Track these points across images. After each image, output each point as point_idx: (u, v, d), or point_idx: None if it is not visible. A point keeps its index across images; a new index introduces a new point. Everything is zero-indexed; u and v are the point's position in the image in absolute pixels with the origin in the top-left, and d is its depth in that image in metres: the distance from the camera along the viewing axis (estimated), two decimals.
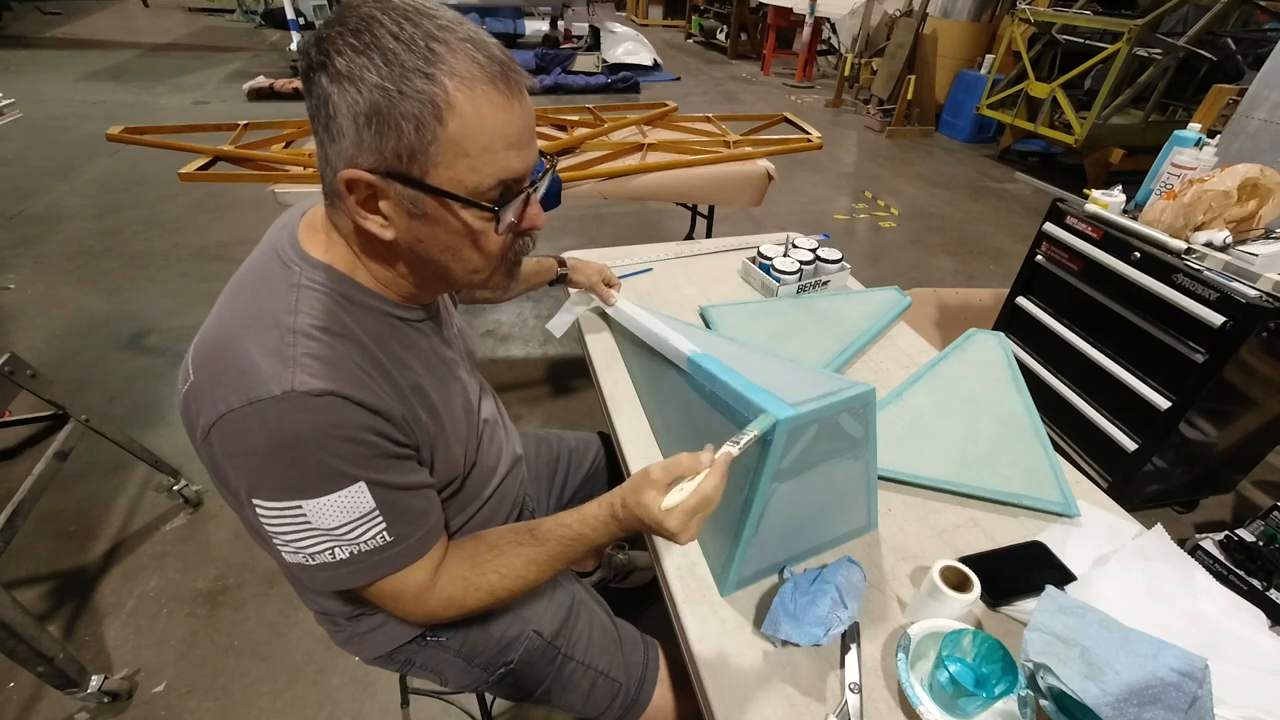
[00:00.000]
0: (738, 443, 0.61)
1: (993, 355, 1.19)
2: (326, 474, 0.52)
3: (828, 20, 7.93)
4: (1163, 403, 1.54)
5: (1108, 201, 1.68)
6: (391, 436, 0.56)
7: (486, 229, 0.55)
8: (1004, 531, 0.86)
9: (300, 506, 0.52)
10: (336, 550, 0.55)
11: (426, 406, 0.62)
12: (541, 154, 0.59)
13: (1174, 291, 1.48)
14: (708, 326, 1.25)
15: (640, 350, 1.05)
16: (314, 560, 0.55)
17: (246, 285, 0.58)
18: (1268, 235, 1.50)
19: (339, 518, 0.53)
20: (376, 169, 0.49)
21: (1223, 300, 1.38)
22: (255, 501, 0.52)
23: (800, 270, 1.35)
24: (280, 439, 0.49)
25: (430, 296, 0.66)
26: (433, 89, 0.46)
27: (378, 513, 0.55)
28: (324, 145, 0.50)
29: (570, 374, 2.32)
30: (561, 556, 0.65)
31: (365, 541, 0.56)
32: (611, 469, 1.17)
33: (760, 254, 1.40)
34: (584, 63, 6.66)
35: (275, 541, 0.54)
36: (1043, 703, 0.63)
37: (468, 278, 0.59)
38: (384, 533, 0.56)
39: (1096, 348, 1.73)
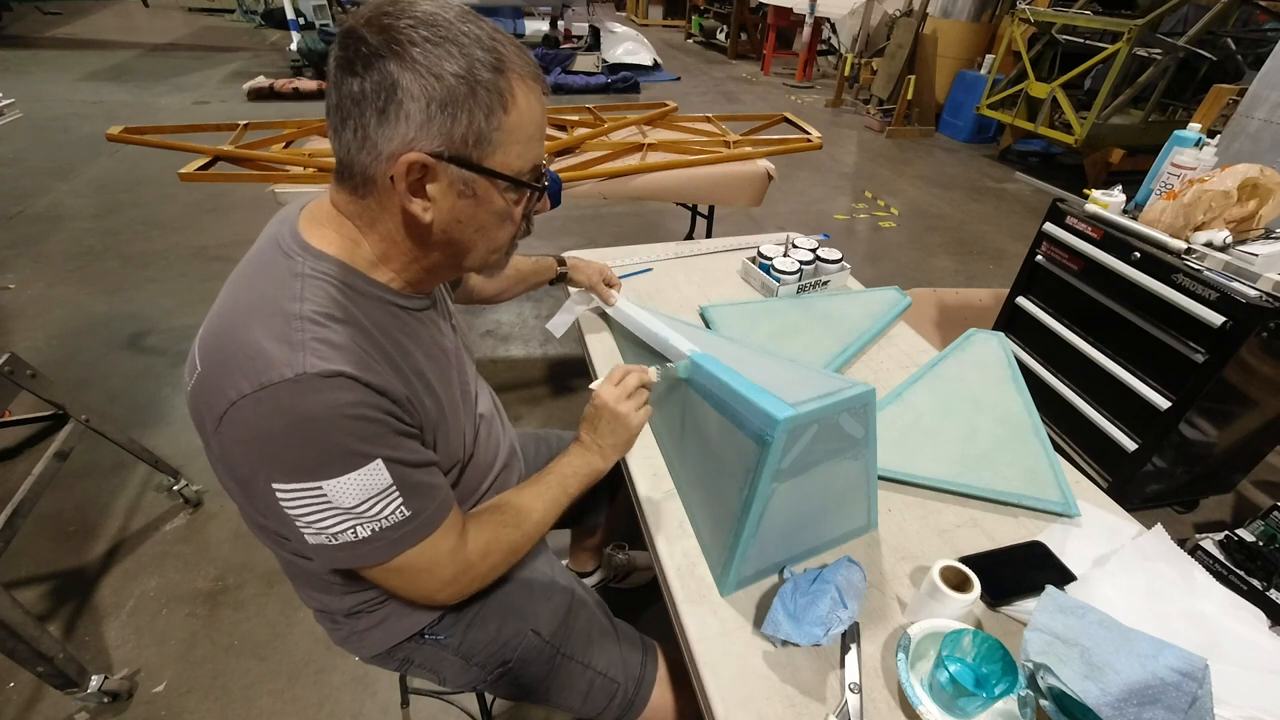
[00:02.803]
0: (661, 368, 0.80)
1: (993, 355, 1.19)
2: (344, 453, 0.53)
3: (828, 20, 7.93)
4: (1163, 403, 1.54)
5: (1108, 201, 1.68)
6: (399, 416, 0.57)
7: (515, 210, 0.60)
8: (1004, 531, 0.86)
9: (320, 486, 0.52)
10: (359, 529, 0.56)
11: (429, 392, 0.63)
12: None
13: (1174, 291, 1.48)
14: (708, 326, 1.25)
15: (640, 350, 1.05)
16: (336, 540, 0.56)
17: (249, 277, 0.58)
18: (1268, 235, 1.50)
19: (358, 495, 0.54)
20: (440, 152, 0.52)
21: (1223, 300, 1.38)
22: (274, 485, 0.52)
23: (800, 270, 1.35)
24: (295, 420, 0.50)
25: (434, 284, 0.68)
26: (501, 82, 0.52)
27: (394, 489, 0.56)
28: (365, 129, 0.51)
29: (570, 374, 2.32)
30: (558, 483, 0.76)
31: (385, 518, 0.57)
32: (612, 470, 1.17)
33: (760, 254, 1.40)
34: (584, 63, 6.66)
35: (298, 524, 0.55)
36: (1043, 703, 0.63)
37: (485, 258, 0.63)
38: (401, 507, 0.57)
39: (1096, 348, 1.73)
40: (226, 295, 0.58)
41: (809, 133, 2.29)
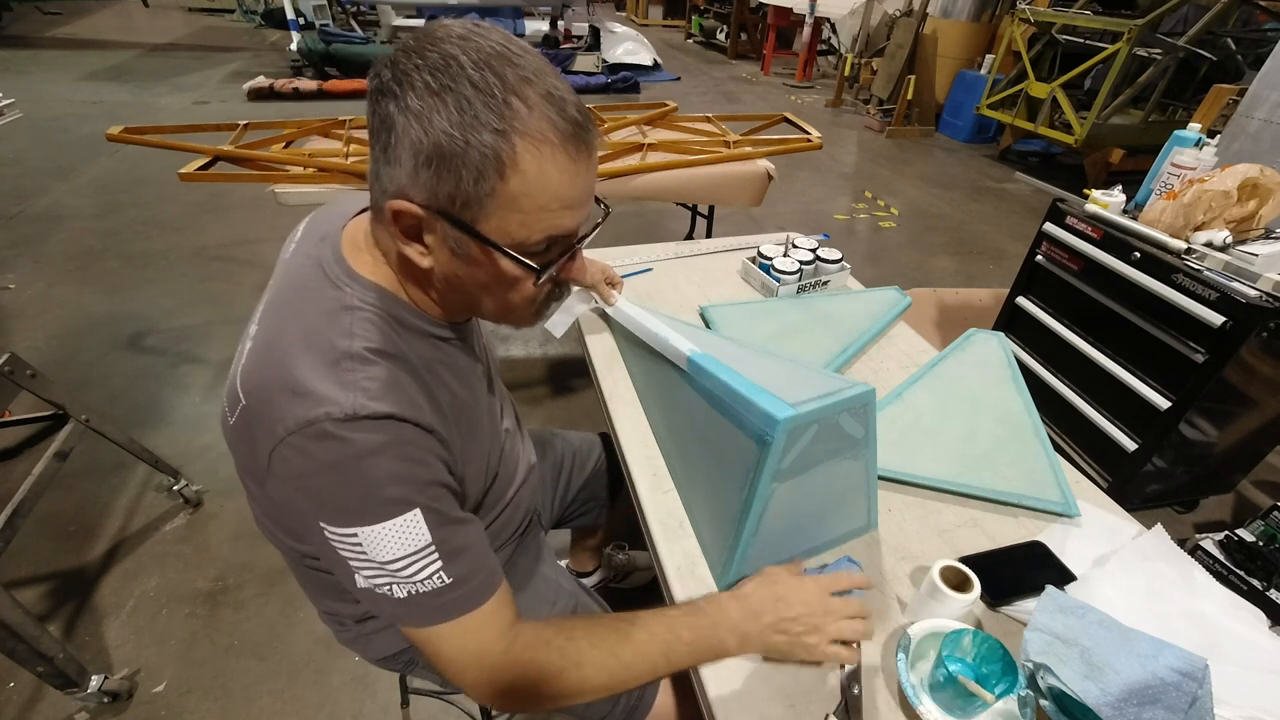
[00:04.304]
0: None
1: (993, 355, 1.19)
2: (381, 500, 0.51)
3: (828, 20, 7.93)
4: (1163, 403, 1.54)
5: (1108, 201, 1.68)
6: (443, 458, 0.56)
7: (525, 280, 0.54)
8: (1004, 531, 0.86)
9: (356, 534, 0.51)
10: (395, 588, 0.53)
11: (460, 424, 0.62)
12: (598, 201, 0.58)
13: (1174, 291, 1.48)
14: (708, 326, 1.25)
15: (640, 351, 1.05)
16: (377, 591, 0.54)
17: (294, 304, 0.56)
18: (1268, 235, 1.50)
19: (394, 550, 0.52)
20: (428, 205, 0.49)
21: (1223, 300, 1.38)
22: (323, 525, 0.51)
23: (800, 270, 1.35)
24: (336, 461, 0.49)
25: (462, 318, 0.66)
26: (500, 145, 0.46)
27: (434, 548, 0.53)
28: (378, 163, 0.50)
29: (570, 374, 2.32)
30: (660, 638, 0.61)
31: (422, 581, 0.53)
32: (612, 470, 1.17)
33: (760, 254, 1.40)
34: (584, 63, 6.67)
35: (350, 564, 0.53)
36: (1043, 703, 0.63)
37: (498, 316, 0.59)
38: (441, 572, 0.54)
39: (1096, 348, 1.73)
40: (273, 324, 0.56)
41: (809, 133, 2.29)
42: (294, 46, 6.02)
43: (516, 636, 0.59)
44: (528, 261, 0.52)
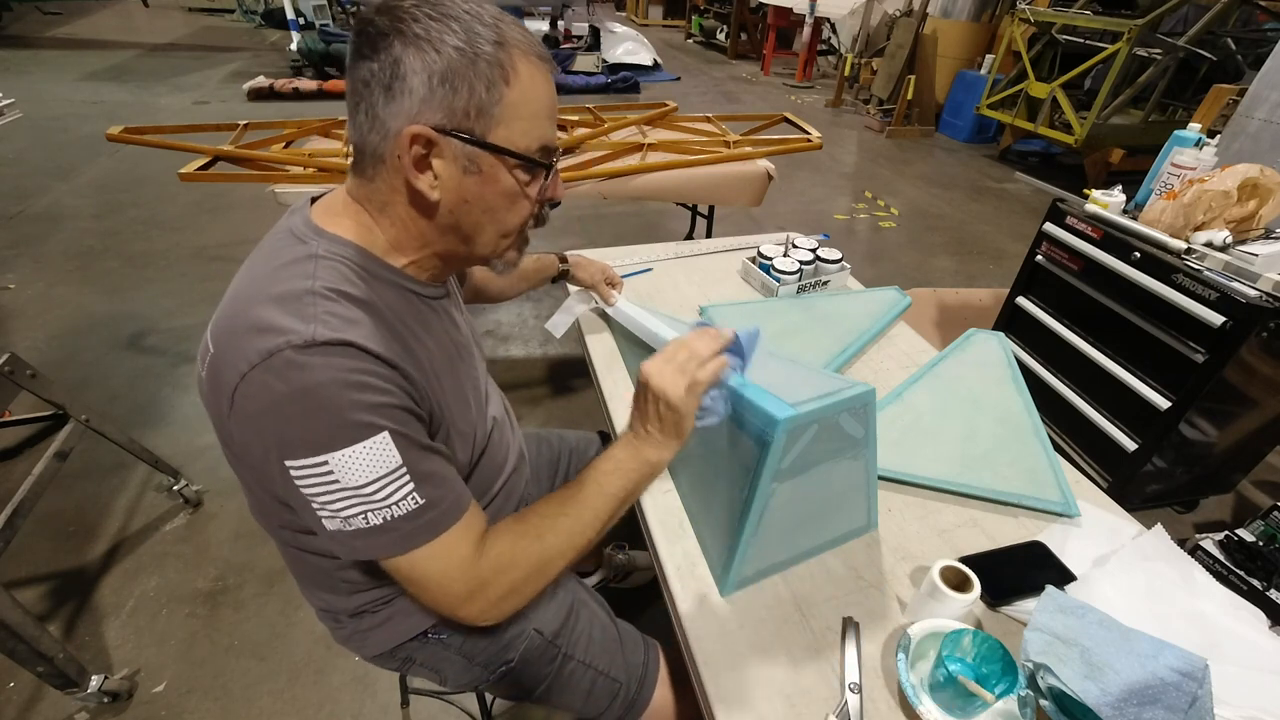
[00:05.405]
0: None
1: (993, 355, 1.19)
2: (348, 423, 0.51)
3: (828, 20, 7.93)
4: (1163, 403, 1.54)
5: (1108, 201, 1.68)
6: (409, 392, 0.56)
7: (529, 190, 0.60)
8: (1004, 531, 0.86)
9: (326, 462, 0.51)
10: (370, 514, 0.54)
11: (439, 384, 0.62)
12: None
13: (1174, 291, 1.48)
14: None
15: (640, 350, 1.05)
16: (350, 525, 0.54)
17: (261, 262, 0.58)
18: (1268, 235, 1.50)
19: (367, 474, 0.52)
20: (442, 126, 0.53)
21: (1223, 300, 1.38)
22: (286, 463, 0.51)
23: (800, 270, 1.35)
24: (300, 387, 0.49)
25: (448, 272, 0.68)
26: (502, 56, 0.54)
27: (404, 470, 0.54)
28: (374, 109, 0.54)
29: (570, 374, 2.32)
30: (593, 481, 0.64)
31: (397, 505, 0.54)
32: None
33: (760, 254, 1.40)
34: (584, 63, 6.67)
35: (313, 505, 0.53)
36: (1043, 703, 0.63)
37: (494, 244, 0.63)
38: (414, 494, 0.55)
39: (1096, 348, 1.73)
40: (239, 280, 0.58)
41: (809, 133, 2.29)
42: (294, 46, 6.02)
43: (485, 541, 0.61)
44: (537, 159, 0.58)
